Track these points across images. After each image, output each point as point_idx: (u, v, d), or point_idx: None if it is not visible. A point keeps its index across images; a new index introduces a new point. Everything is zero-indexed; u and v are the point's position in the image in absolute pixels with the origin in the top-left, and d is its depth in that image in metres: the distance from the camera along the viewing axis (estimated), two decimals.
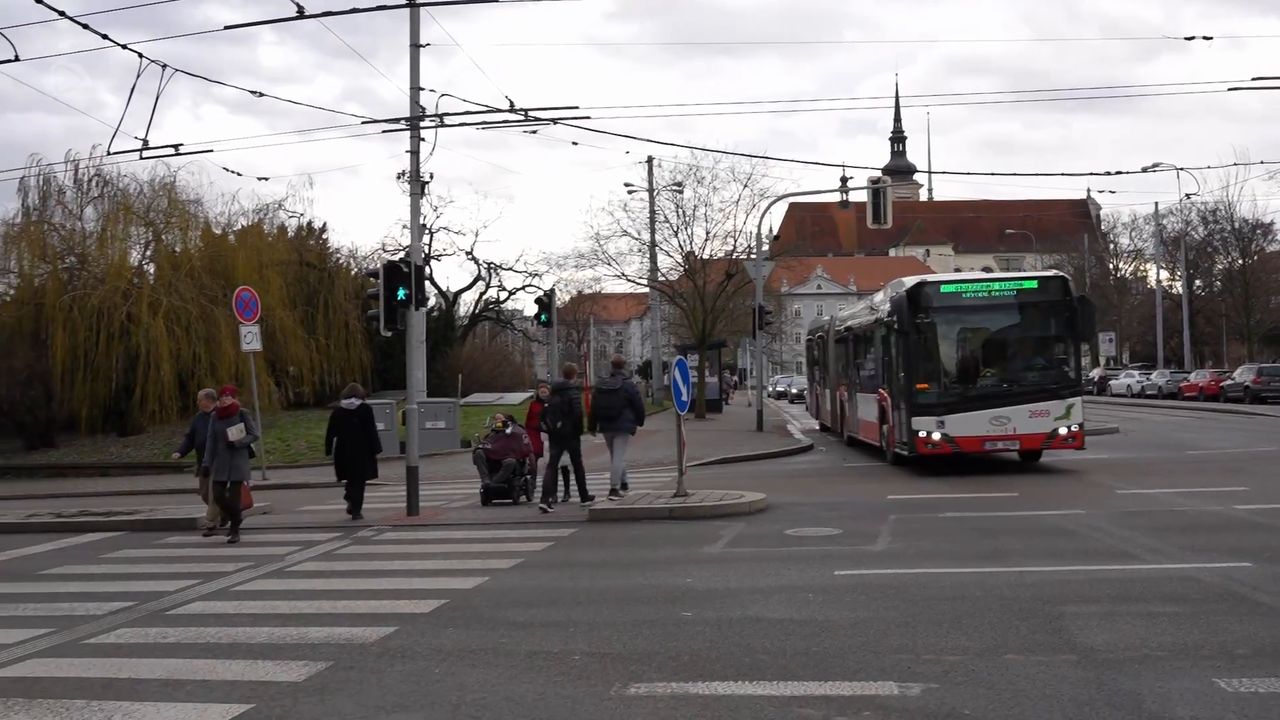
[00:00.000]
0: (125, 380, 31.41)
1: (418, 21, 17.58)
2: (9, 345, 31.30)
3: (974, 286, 19.19)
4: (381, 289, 16.10)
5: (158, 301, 31.72)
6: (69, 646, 8.60)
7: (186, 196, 35.49)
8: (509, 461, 16.52)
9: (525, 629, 8.49)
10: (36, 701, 6.98)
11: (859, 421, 23.98)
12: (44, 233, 33.61)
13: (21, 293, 33.23)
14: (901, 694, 6.32)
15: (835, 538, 12.41)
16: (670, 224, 43.36)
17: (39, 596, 10.95)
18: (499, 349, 65.92)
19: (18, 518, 18.02)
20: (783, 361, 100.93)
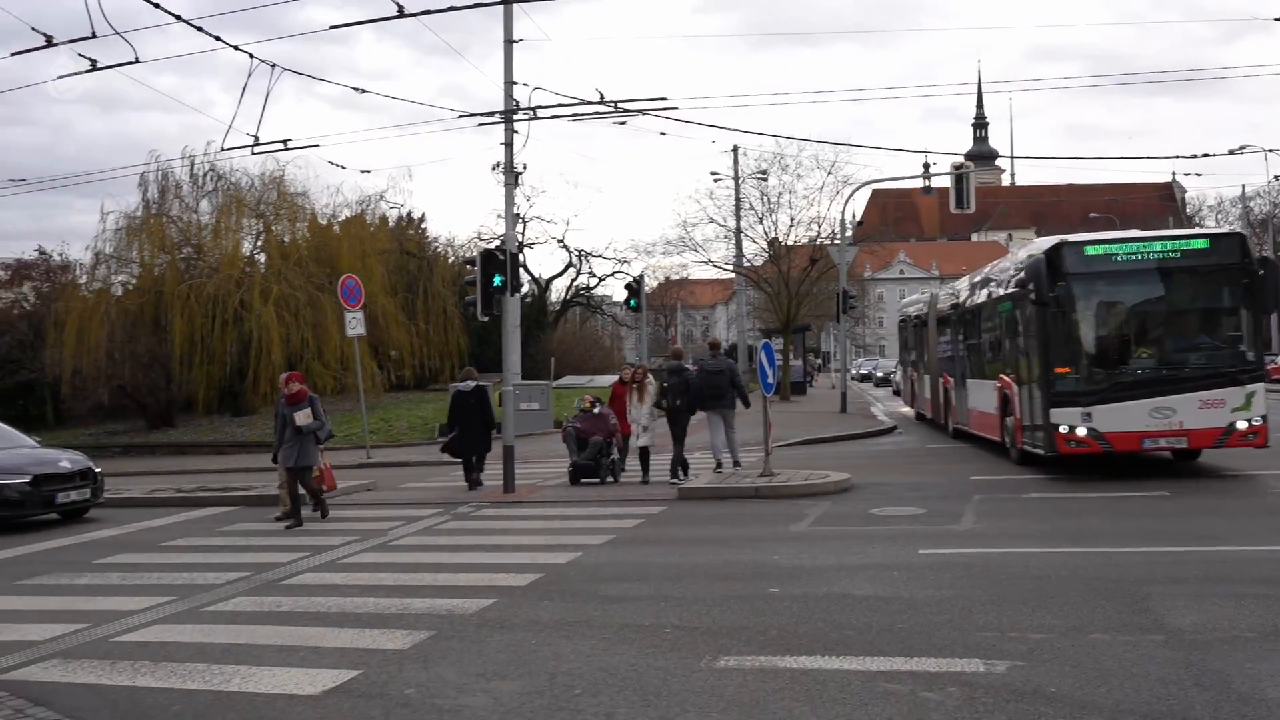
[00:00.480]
0: (239, 364, 32.23)
1: (511, 18, 17.68)
2: (132, 331, 32.29)
3: (1128, 248, 15.07)
4: (479, 276, 16.27)
5: (268, 289, 32.46)
6: (190, 613, 8.87)
7: (294, 189, 36.33)
8: (596, 439, 16.61)
9: (618, 602, 8.54)
10: (161, 665, 7.22)
11: (969, 412, 20.52)
12: (163, 225, 34.56)
13: (143, 281, 34.23)
14: (987, 671, 6.22)
15: (919, 517, 12.25)
16: (755, 211, 43.17)
17: (162, 566, 11.30)
18: (589, 333, 66.33)
19: (141, 493, 18.63)
20: (866, 345, 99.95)
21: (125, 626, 8.48)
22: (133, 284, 34.81)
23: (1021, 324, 16.01)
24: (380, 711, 6.00)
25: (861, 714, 5.59)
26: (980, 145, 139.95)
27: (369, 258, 35.14)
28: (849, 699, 5.84)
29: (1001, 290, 17.48)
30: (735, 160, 41.85)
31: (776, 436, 17.28)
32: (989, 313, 18.77)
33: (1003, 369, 17.27)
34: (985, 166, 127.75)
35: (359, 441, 25.50)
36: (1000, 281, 17.86)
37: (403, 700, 6.19)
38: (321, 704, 6.19)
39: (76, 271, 37.44)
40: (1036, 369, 15.13)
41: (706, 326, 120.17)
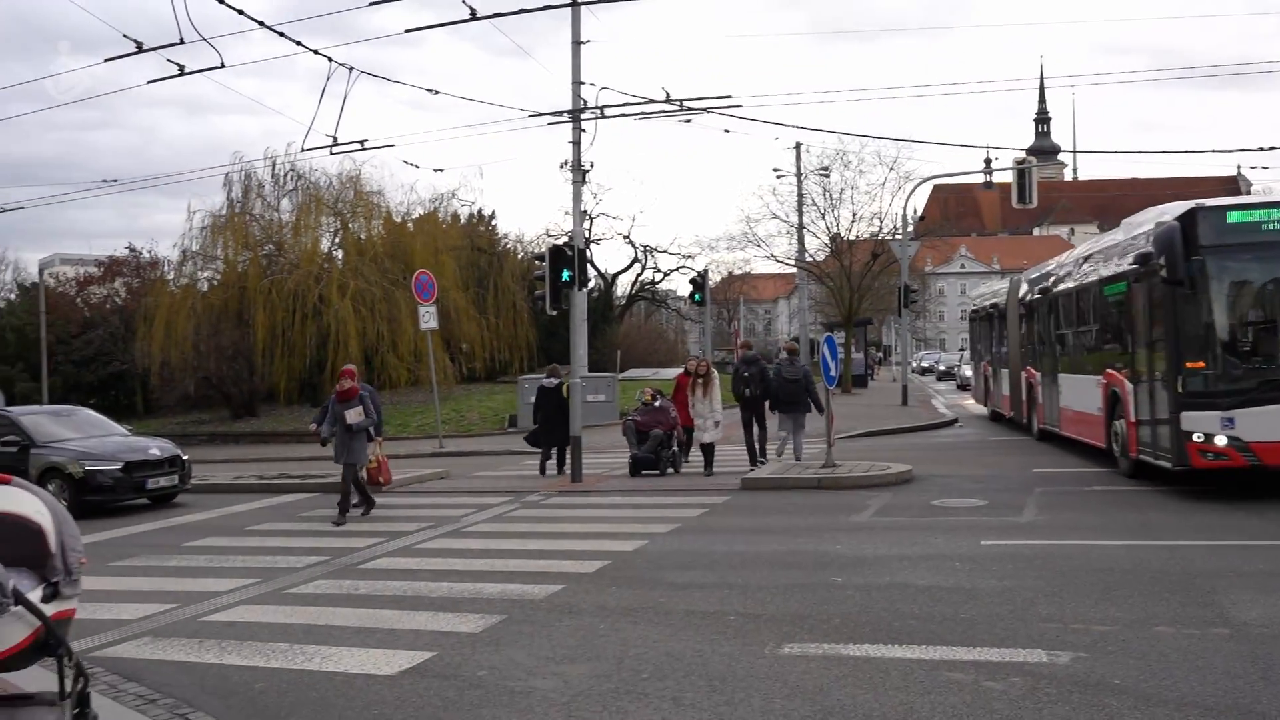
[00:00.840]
0: (318, 356, 32.72)
1: (579, 20, 17.71)
2: (217, 325, 32.92)
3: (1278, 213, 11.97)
4: (547, 271, 16.38)
5: (345, 284, 32.89)
6: (272, 595, 9.04)
7: (370, 188, 36.76)
8: (656, 433, 16.50)
9: (683, 589, 8.54)
10: (246, 644, 7.36)
11: (1062, 412, 17.57)
12: (246, 223, 35.15)
13: (227, 277, 34.86)
14: (1050, 661, 6.12)
15: (981, 509, 12.08)
16: (818, 206, 42.86)
17: (245, 550, 11.53)
18: (654, 327, 66.37)
19: (226, 479, 19.02)
20: (926, 339, 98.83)
21: (212, 607, 8.67)
22: (217, 280, 35.46)
23: (1140, 308, 13.12)
24: (454, 692, 6.06)
25: (924, 702, 5.53)
26: (1042, 140, 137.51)
27: (441, 254, 35.45)
28: (911, 687, 5.78)
29: (1112, 268, 14.57)
30: (798, 156, 41.58)
31: (838, 429, 17.16)
32: (1092, 297, 15.98)
33: (1111, 362, 14.52)
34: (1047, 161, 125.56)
35: (432, 431, 25.78)
36: (1109, 258, 14.93)
37: (475, 681, 6.24)
38: (398, 684, 6.27)
39: (165, 268, 38.25)
40: (1161, 363, 12.44)
41: (769, 320, 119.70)
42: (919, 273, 61.44)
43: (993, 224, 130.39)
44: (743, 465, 16.53)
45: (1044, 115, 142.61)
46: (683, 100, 18.26)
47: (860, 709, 5.47)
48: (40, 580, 3.98)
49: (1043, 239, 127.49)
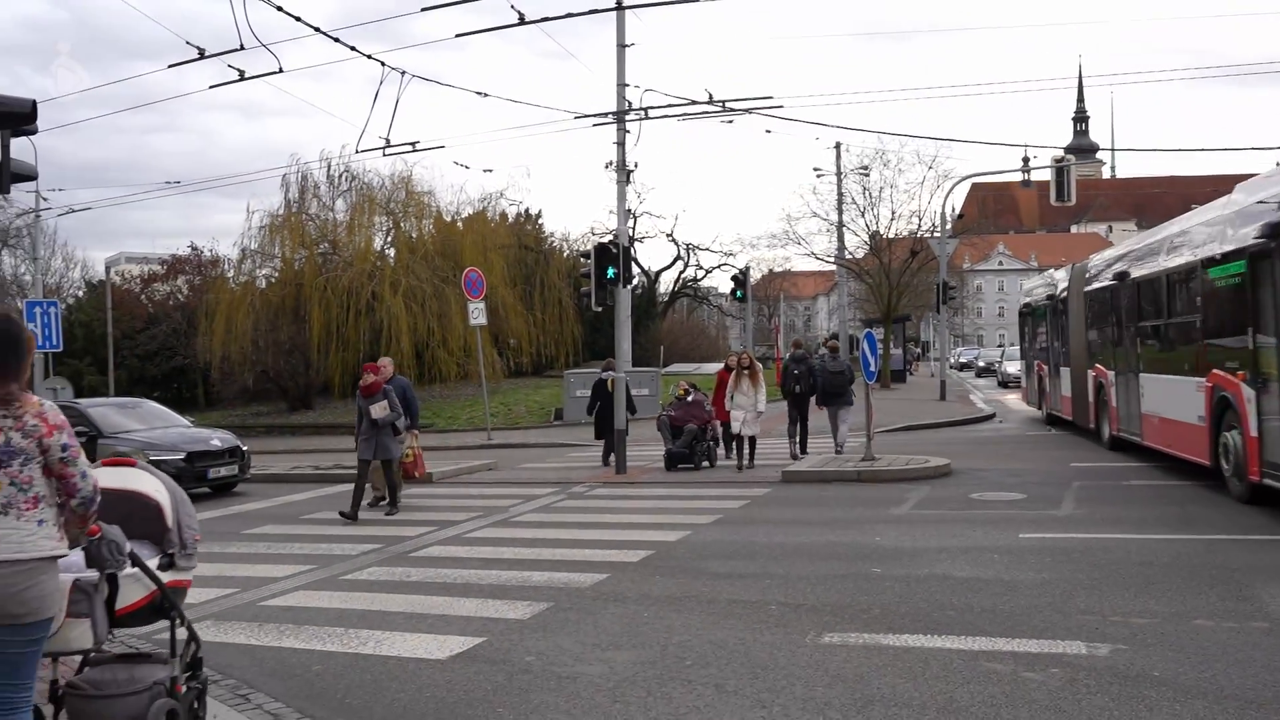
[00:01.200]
0: (371, 351, 32.93)
1: (624, 24, 17.76)
2: (275, 321, 33.30)
3: None
4: (593, 268, 16.42)
5: (397, 281, 33.13)
6: (328, 581, 9.13)
7: (421, 188, 36.98)
8: (690, 427, 16.32)
9: (725, 579, 8.52)
10: (304, 628, 7.45)
11: (1145, 419, 14.50)
12: (302, 222, 35.51)
13: (284, 275, 35.22)
14: (1090, 653, 6.04)
15: (1019, 502, 11.96)
16: (857, 205, 42.63)
17: (302, 538, 11.65)
18: (696, 323, 66.29)
19: (283, 469, 19.25)
20: (964, 334, 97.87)
21: (271, 592, 8.77)
22: (275, 277, 35.83)
23: (1267, 293, 10.25)
24: (503, 677, 6.09)
25: (963, 692, 5.48)
26: (1080, 139, 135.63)
27: (490, 252, 35.60)
28: (951, 677, 5.73)
29: (1220, 245, 11.71)
30: (838, 156, 41.35)
31: (878, 422, 17.05)
32: (1191, 280, 12.86)
33: (1220, 361, 11.53)
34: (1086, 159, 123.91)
35: (481, 424, 25.93)
36: (1214, 234, 12.04)
37: (524, 667, 6.27)
38: (448, 668, 6.32)
39: (225, 266, 38.73)
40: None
41: (808, 317, 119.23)
42: (957, 270, 60.87)
43: (1030, 221, 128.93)
44: (781, 459, 16.47)
45: (1082, 114, 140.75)
46: (725, 101, 18.25)
47: (900, 698, 5.43)
48: (158, 551, 4.56)
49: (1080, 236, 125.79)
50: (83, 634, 4.17)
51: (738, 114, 19.07)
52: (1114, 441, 16.20)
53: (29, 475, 3.79)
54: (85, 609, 4.15)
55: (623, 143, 17.81)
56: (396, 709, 5.63)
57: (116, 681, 4.51)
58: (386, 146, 18.24)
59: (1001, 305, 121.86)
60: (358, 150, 30.55)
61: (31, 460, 3.80)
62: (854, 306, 53.16)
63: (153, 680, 4.51)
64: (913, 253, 40.61)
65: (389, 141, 18.23)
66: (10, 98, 6.68)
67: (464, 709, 5.57)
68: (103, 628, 4.24)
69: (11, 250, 57.31)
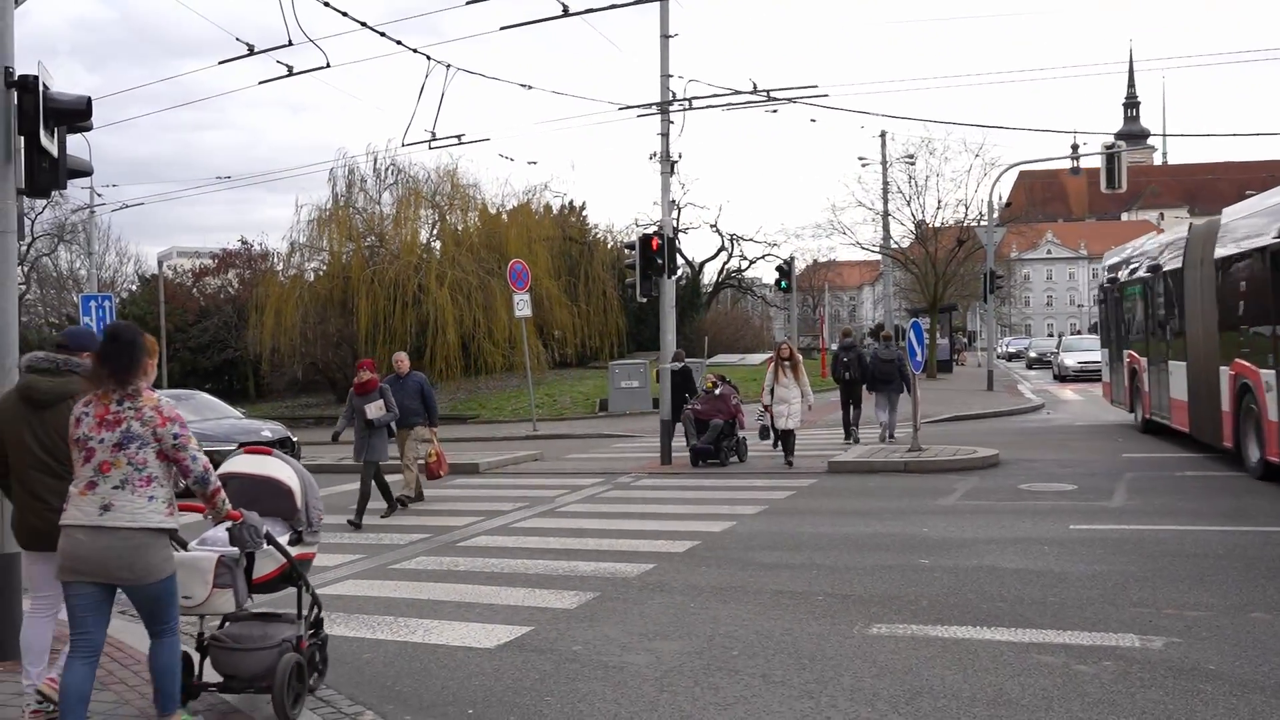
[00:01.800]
0: (417, 343, 33.24)
1: (667, 14, 17.66)
2: (323, 313, 33.65)
3: None
4: (638, 259, 16.41)
5: (443, 274, 33.34)
6: (378, 570, 9.22)
7: (466, 181, 37.20)
8: (716, 422, 15.63)
9: (771, 569, 8.49)
10: (354, 616, 7.52)
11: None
12: (349, 216, 35.83)
13: (332, 268, 35.58)
14: (1143, 646, 5.95)
15: (1070, 493, 11.79)
16: (903, 194, 42.21)
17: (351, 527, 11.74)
18: (740, 314, 65.98)
19: (332, 460, 19.41)
20: (1011, 324, 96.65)
21: (322, 580, 8.85)
22: (323, 270, 36.19)
23: None
24: (550, 665, 6.12)
25: (1014, 684, 5.41)
26: (1131, 124, 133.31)
27: (534, 244, 35.71)
28: (1001, 669, 5.67)
29: None
30: (883, 145, 40.99)
31: (924, 413, 16.90)
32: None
33: None
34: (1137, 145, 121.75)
35: (526, 415, 26.04)
36: None
37: (571, 656, 6.29)
38: (496, 657, 6.35)
39: (274, 259, 39.19)
40: None
41: (853, 307, 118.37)
42: (1004, 259, 60.15)
43: (1080, 209, 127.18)
44: (827, 450, 16.40)
45: (1133, 99, 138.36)
46: (769, 91, 18.09)
47: (949, 689, 5.38)
48: (289, 528, 5.45)
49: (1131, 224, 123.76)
50: (227, 601, 5.03)
51: (782, 103, 18.90)
52: (1267, 469, 11.72)
53: (144, 458, 4.45)
54: (229, 580, 5.00)
55: (667, 133, 17.76)
56: (445, 696, 5.67)
57: (252, 637, 5.29)
58: (432, 140, 18.31)
59: (1050, 294, 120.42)
60: (404, 144, 30.62)
61: (147, 445, 4.45)
62: (899, 296, 52.66)
63: (281, 637, 5.28)
64: (959, 242, 40.17)
65: (435, 135, 18.29)
66: (66, 95, 6.78)
67: (511, 697, 5.60)
68: (243, 595, 5.10)
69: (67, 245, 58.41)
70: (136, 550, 4.41)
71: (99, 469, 4.43)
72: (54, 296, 59.15)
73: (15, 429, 5.03)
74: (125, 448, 4.43)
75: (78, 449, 4.50)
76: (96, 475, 4.43)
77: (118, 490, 4.41)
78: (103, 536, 4.38)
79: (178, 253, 63.42)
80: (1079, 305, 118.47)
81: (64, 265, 60.27)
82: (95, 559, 4.39)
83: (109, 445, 4.43)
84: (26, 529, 5.12)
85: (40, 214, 52.20)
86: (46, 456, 4.99)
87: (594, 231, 46.58)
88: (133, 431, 4.44)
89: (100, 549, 4.38)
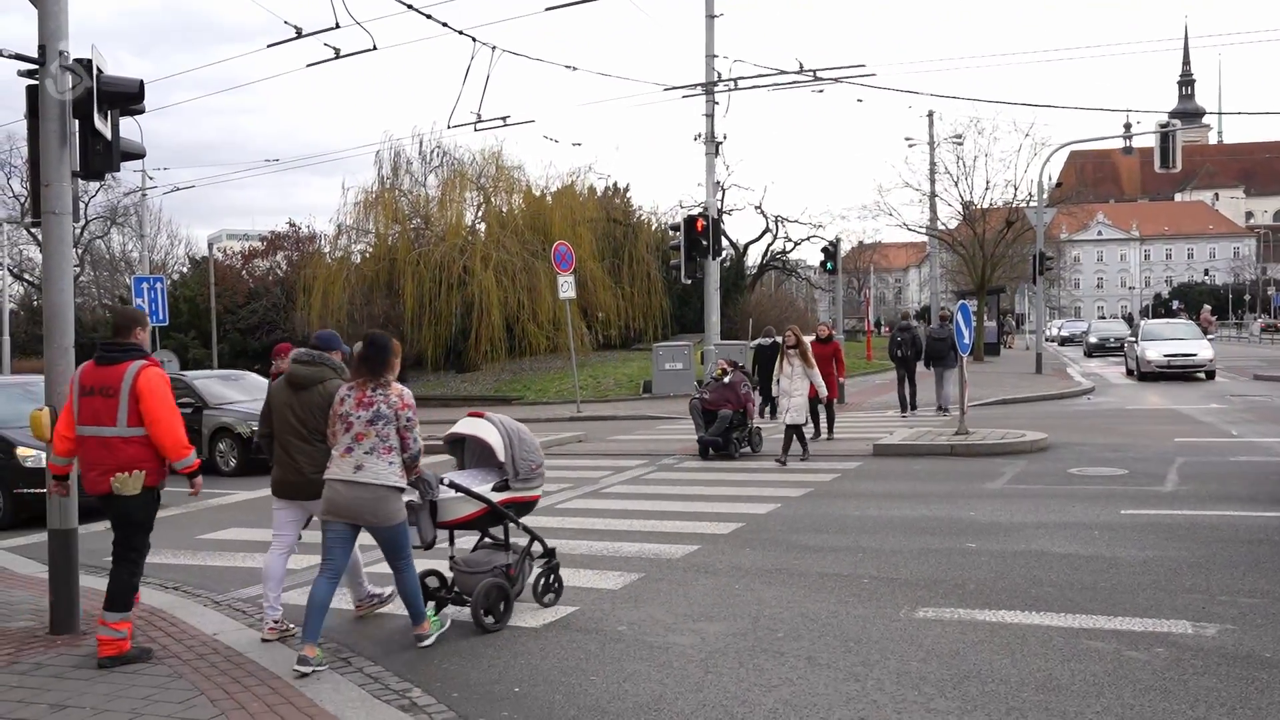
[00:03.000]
0: (462, 324, 33.45)
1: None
2: (369, 295, 33.93)
3: None
4: (682, 241, 16.40)
5: (488, 256, 33.47)
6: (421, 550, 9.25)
7: (511, 163, 37.30)
8: (725, 413, 14.57)
9: (816, 552, 8.46)
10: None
11: None
12: (395, 198, 36.05)
13: (378, 250, 35.85)
14: (1196, 633, 5.86)
15: (1120, 478, 11.62)
16: (950, 174, 41.67)
17: None
18: (784, 296, 65.69)
19: None
20: (1060, 307, 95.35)
21: (367, 559, 8.93)
22: (369, 252, 36.47)
23: None
24: (596, 645, 6.14)
25: (1064, 670, 5.36)
26: (1186, 102, 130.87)
27: (578, 226, 35.71)
28: (1050, 654, 5.61)
29: None
30: (931, 124, 40.57)
31: (971, 396, 16.74)
32: None
33: None
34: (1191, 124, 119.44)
35: (570, 397, 26.12)
36: None
37: (616, 636, 6.31)
38: (542, 636, 6.39)
39: (321, 242, 39.57)
40: None
41: (899, 289, 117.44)
42: (1054, 240, 59.25)
43: (1132, 190, 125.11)
44: (872, 432, 16.29)
45: (1188, 76, 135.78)
46: (816, 70, 17.96)
47: (997, 674, 5.33)
48: (499, 477, 6.83)
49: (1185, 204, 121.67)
50: (414, 536, 6.33)
51: (828, 83, 18.76)
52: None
53: (388, 433, 5.97)
54: (414, 520, 6.32)
55: (711, 114, 17.71)
56: (492, 674, 5.71)
57: (479, 561, 6.84)
58: (478, 121, 18.38)
59: (1100, 276, 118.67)
60: (449, 126, 30.71)
61: (390, 423, 5.97)
62: (946, 278, 52.19)
63: (494, 564, 6.72)
64: (1008, 223, 39.63)
65: (480, 117, 18.37)
66: (119, 78, 6.87)
67: (558, 676, 5.63)
68: (428, 532, 6.46)
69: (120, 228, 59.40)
70: (379, 501, 5.95)
71: (355, 438, 5.95)
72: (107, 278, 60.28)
73: (281, 405, 6.53)
74: (375, 424, 5.94)
75: (340, 422, 6.02)
76: (353, 443, 5.95)
77: (368, 455, 5.93)
78: (355, 489, 5.93)
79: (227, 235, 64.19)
80: (1130, 287, 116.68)
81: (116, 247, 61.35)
82: (348, 505, 5.96)
83: (363, 421, 5.94)
84: (278, 480, 6.60)
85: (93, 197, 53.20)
86: (300, 426, 6.41)
87: (638, 213, 46.50)
88: (381, 412, 5.96)
89: (352, 498, 5.94)
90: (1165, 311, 78.09)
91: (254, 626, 6.73)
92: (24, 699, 5.36)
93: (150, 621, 6.88)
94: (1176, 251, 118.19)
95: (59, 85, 6.58)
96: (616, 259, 39.42)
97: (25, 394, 12.67)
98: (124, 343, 6.08)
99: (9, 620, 7.11)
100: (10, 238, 50.23)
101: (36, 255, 51.61)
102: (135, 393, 5.88)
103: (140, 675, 5.70)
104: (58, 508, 6.73)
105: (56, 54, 6.57)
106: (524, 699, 5.30)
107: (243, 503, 13.11)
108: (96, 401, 5.91)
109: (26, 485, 11.63)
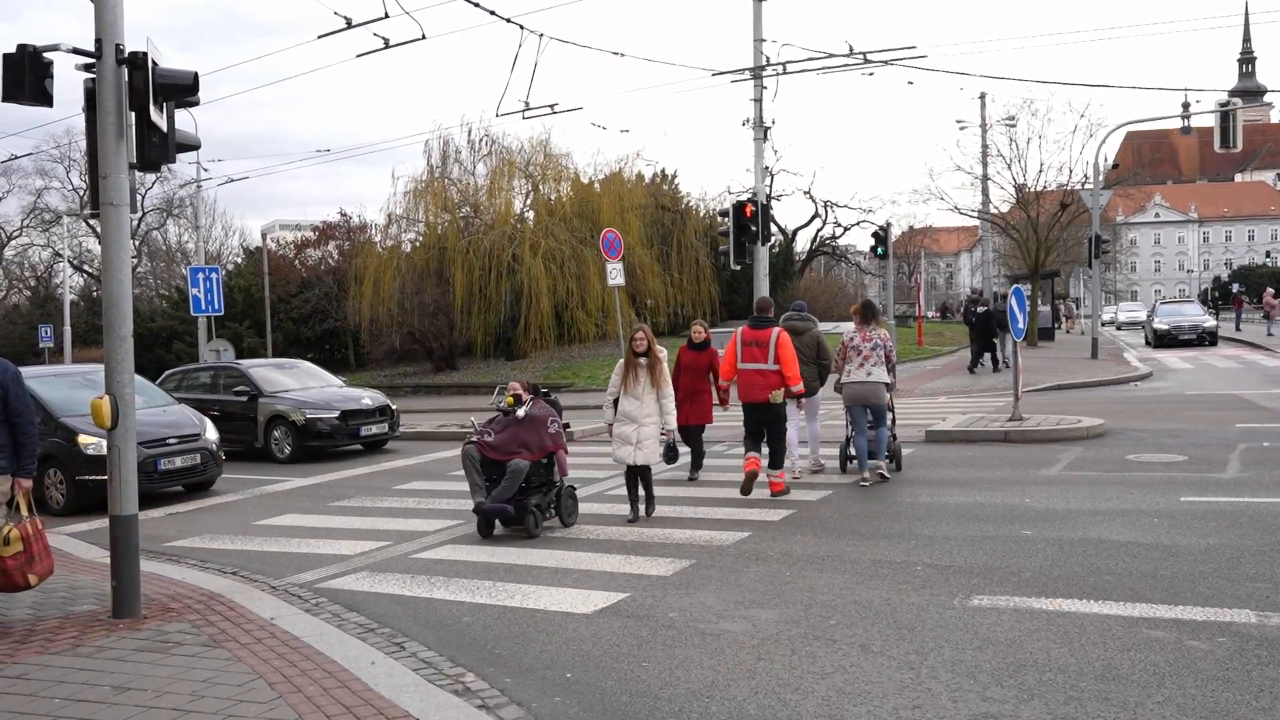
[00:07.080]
0: (511, 312, 33.58)
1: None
2: (419, 283, 34.16)
3: None
4: (731, 227, 16.30)
5: (537, 244, 33.56)
6: (474, 536, 9.35)
7: (559, 151, 37.33)
8: (517, 464, 9.20)
9: (869, 539, 8.40)
10: (454, 580, 7.66)
11: None
12: (445, 187, 36.23)
13: (428, 239, 36.06)
14: (1260, 623, 5.73)
15: (1179, 464, 11.40)
16: (1003, 157, 41.02)
17: (450, 493, 11.96)
18: (833, 282, 65.33)
19: (430, 427, 19.80)
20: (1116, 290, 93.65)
21: (422, 545, 9.05)
22: (419, 241, 36.69)
23: None
24: (647, 632, 6.15)
25: (1123, 659, 5.27)
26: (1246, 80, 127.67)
27: (627, 213, 35.70)
28: (1110, 643, 5.52)
29: None
30: (983, 106, 40.02)
31: (1025, 382, 16.49)
32: None
33: None
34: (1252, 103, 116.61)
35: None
36: None
37: (667, 623, 6.31)
38: (594, 622, 6.40)
39: (371, 231, 39.83)
40: None
41: (950, 274, 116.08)
42: (1110, 223, 58.24)
43: (1190, 170, 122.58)
44: (924, 420, 16.09)
45: (1248, 54, 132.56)
46: (866, 53, 17.75)
47: (1055, 663, 5.26)
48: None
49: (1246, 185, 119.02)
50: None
51: (879, 66, 18.53)
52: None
53: (880, 355, 11.12)
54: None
55: (760, 99, 17.58)
56: (544, 660, 5.74)
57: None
58: (526, 109, 18.40)
59: (1158, 259, 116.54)
60: (498, 114, 30.81)
61: (879, 349, 11.11)
62: (999, 262, 51.46)
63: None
64: (1062, 205, 38.92)
65: (528, 104, 18.39)
66: (174, 70, 6.95)
67: (609, 662, 5.64)
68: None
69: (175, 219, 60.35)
70: (877, 391, 11.03)
71: (864, 358, 11.01)
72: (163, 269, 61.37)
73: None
74: (875, 349, 11.04)
75: (855, 352, 11.10)
76: (863, 361, 11.03)
77: (874, 367, 10.99)
78: (867, 386, 11.00)
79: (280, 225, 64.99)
80: (1188, 270, 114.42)
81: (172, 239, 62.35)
82: (862, 394, 11.01)
83: (868, 348, 11.04)
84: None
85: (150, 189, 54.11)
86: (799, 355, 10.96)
87: (686, 199, 46.35)
88: (876, 342, 11.04)
89: (865, 391, 11.01)
90: (1221, 295, 76.61)
91: (310, 611, 6.82)
92: (88, 681, 5.48)
93: (209, 605, 7.00)
94: (1236, 233, 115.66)
95: (115, 79, 6.67)
96: (665, 245, 39.36)
97: (86, 383, 12.94)
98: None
99: (73, 604, 7.27)
100: (70, 230, 51.25)
101: (95, 247, 52.68)
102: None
103: (200, 659, 5.80)
104: (119, 494, 6.86)
105: (113, 48, 6.66)
106: (576, 685, 5.32)
107: (298, 489, 13.29)
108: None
109: (88, 472, 11.87)
